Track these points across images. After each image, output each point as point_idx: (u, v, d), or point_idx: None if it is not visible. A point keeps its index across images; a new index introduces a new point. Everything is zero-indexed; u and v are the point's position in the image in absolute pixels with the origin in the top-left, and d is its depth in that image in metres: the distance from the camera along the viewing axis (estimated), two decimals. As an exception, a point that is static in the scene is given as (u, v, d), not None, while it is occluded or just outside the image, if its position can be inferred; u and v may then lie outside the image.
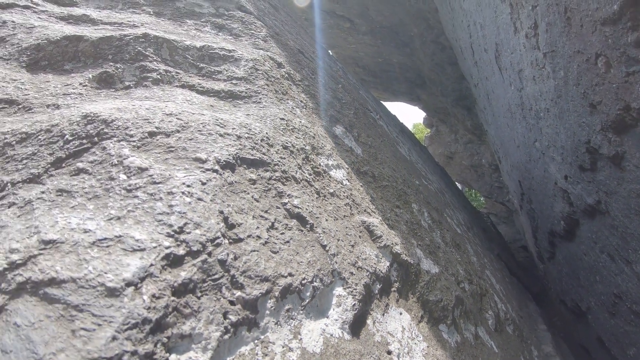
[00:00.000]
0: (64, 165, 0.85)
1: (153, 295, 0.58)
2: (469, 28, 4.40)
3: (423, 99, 9.39)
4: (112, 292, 0.55)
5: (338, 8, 7.00)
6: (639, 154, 2.59)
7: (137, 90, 1.30)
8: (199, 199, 0.78)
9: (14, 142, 0.92)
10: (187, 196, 0.76)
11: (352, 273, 1.21)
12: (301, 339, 0.86)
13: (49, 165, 0.84)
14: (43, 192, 0.76)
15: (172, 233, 0.68)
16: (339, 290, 1.11)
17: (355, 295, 1.15)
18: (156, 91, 1.30)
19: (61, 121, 0.93)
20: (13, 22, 1.56)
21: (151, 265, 0.61)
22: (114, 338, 0.51)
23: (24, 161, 0.86)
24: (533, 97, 3.59)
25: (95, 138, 0.89)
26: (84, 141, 0.89)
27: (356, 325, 1.11)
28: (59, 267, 0.58)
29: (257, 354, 0.72)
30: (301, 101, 1.80)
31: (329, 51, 5.31)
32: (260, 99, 1.47)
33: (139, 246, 0.63)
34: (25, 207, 0.74)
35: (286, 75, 1.87)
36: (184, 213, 0.72)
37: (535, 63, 3.21)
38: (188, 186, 0.78)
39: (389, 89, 9.53)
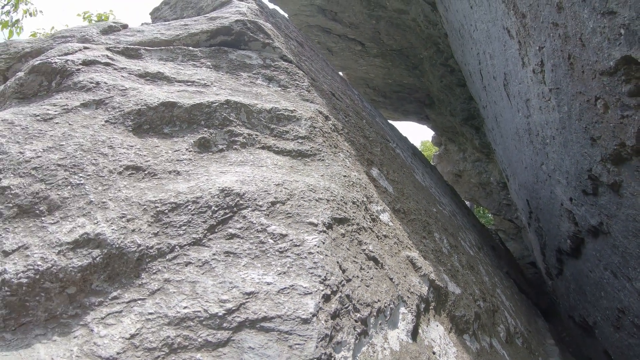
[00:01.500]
0: (216, 231, 1.23)
1: (325, 320, 0.98)
2: (479, 56, 4.90)
3: (432, 118, 10.05)
4: (306, 321, 0.94)
5: (350, 32, 7.57)
6: (634, 183, 3.07)
7: (231, 154, 1.70)
8: (326, 255, 1.18)
9: (167, 210, 1.31)
10: (320, 254, 1.16)
11: (408, 297, 1.63)
12: (388, 342, 1.27)
13: (206, 231, 1.23)
14: (214, 254, 1.15)
15: (322, 280, 1.08)
16: (402, 309, 1.52)
17: (412, 312, 1.57)
18: (246, 155, 1.70)
19: (203, 194, 1.32)
20: (105, 83, 1.95)
21: (319, 302, 1.01)
22: (316, 347, 0.90)
23: (183, 227, 1.25)
24: (539, 124, 4.07)
25: (235, 208, 1.28)
26: (227, 211, 1.28)
27: (414, 333, 1.53)
28: (265, 309, 0.96)
29: (369, 351, 1.14)
30: (347, 150, 2.22)
31: (340, 73, 5.78)
32: (323, 156, 1.88)
33: (307, 291, 1.02)
34: (205, 266, 1.13)
35: (333, 127, 2.29)
36: (323, 266, 1.12)
37: (542, 95, 3.69)
38: (318, 247, 1.18)
39: (399, 109, 10.16)
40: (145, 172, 1.49)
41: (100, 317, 1.09)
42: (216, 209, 1.28)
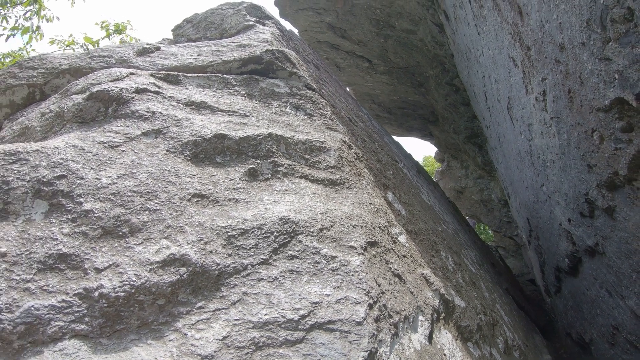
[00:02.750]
0: (279, 253, 1.63)
1: (371, 323, 1.38)
2: (484, 79, 5.38)
3: (436, 135, 10.82)
4: (359, 323, 1.35)
5: (358, 49, 8.18)
6: (626, 208, 3.53)
7: (276, 183, 2.09)
8: (367, 273, 1.58)
9: (237, 235, 1.70)
10: (363, 272, 1.56)
11: (424, 307, 2.04)
12: (412, 342, 1.69)
13: (271, 253, 1.62)
14: (281, 272, 1.54)
15: (366, 293, 1.48)
16: (420, 317, 1.93)
17: (428, 320, 1.98)
18: (288, 184, 2.10)
19: (266, 221, 1.72)
20: (161, 113, 2.33)
21: (366, 309, 1.41)
22: (368, 342, 1.30)
23: (252, 250, 1.64)
24: (541, 148, 4.53)
25: (292, 234, 1.68)
26: (285, 236, 1.67)
27: (429, 338, 1.94)
28: (329, 315, 1.36)
29: (399, 349, 1.55)
30: (368, 177, 2.63)
31: (347, 88, 6.26)
32: (350, 185, 2.29)
33: (357, 301, 1.42)
34: (275, 282, 1.52)
35: (355, 155, 2.70)
36: (366, 282, 1.52)
37: (543, 122, 4.15)
38: (360, 266, 1.58)
39: (403, 125, 10.85)
40: (209, 200, 1.88)
41: (191, 323, 1.46)
42: (277, 234, 1.68)
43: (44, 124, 2.55)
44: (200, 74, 2.91)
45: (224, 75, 2.95)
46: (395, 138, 6.84)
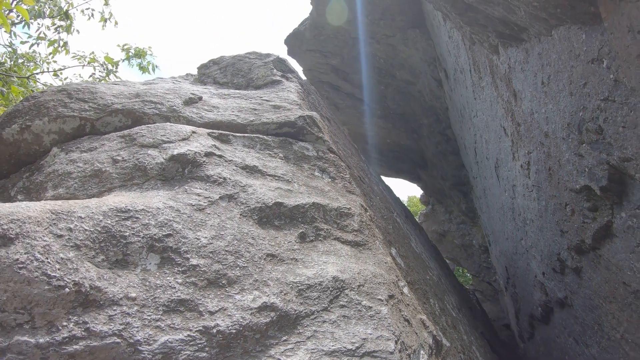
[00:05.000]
0: (333, 303, 2.89)
1: (397, 353, 2.69)
2: (475, 136, 6.90)
3: (423, 179, 12.98)
4: (391, 353, 2.63)
5: (358, 92, 9.93)
6: (590, 270, 5.04)
7: (319, 245, 3.37)
8: (392, 319, 2.88)
9: (304, 289, 2.95)
10: (390, 319, 2.86)
11: (424, 345, 3.37)
12: None
13: (329, 303, 2.88)
14: (337, 317, 2.81)
15: (393, 333, 2.78)
16: (422, 352, 3.26)
17: (427, 354, 3.31)
18: (328, 245, 3.38)
19: (323, 279, 2.98)
20: (230, 179, 3.54)
21: (395, 344, 2.71)
22: None
23: (316, 300, 2.90)
24: (522, 207, 6.04)
25: (340, 289, 2.95)
26: (337, 291, 2.94)
27: None
28: (372, 346, 2.64)
29: None
30: (379, 236, 3.96)
31: (344, 128, 7.71)
32: (370, 246, 3.60)
33: (388, 338, 2.72)
34: (334, 324, 2.79)
35: (370, 217, 4.03)
36: (392, 325, 2.82)
37: (526, 186, 5.65)
38: (387, 314, 2.88)
39: (393, 167, 12.87)
40: (278, 259, 3.13)
41: (281, 351, 2.68)
42: (332, 289, 2.95)
43: (121, 172, 3.64)
44: (245, 134, 4.15)
45: (264, 136, 4.20)
46: (383, 178, 8.44)
